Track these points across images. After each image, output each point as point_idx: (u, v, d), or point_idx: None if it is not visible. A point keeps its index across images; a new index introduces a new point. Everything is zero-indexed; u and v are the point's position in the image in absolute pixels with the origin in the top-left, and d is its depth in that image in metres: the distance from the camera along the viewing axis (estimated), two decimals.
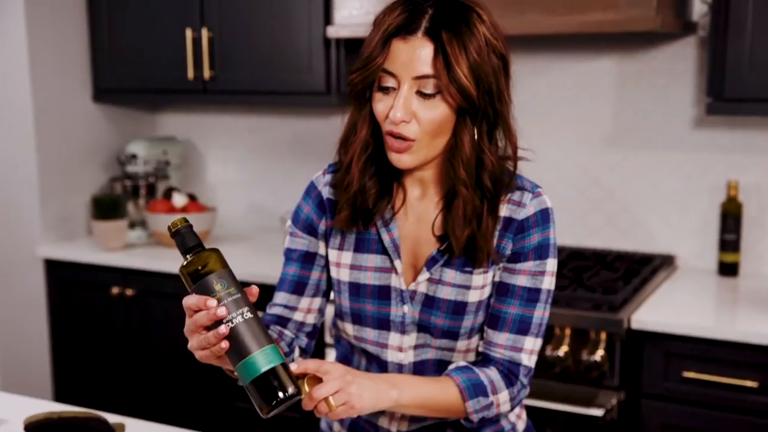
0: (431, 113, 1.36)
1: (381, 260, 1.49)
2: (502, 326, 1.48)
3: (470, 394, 1.43)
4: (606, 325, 2.36)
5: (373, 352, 1.53)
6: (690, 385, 2.32)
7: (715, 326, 2.30)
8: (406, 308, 1.49)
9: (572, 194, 2.97)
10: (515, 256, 1.46)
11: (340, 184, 1.48)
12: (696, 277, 2.77)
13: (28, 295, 3.41)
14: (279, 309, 1.55)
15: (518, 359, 1.48)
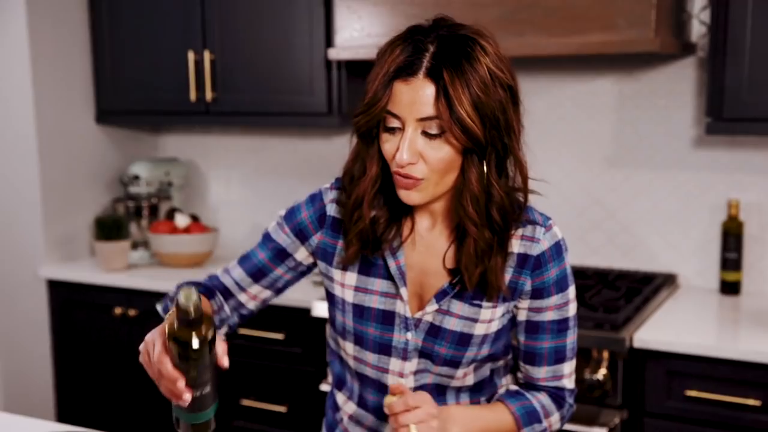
0: (438, 153, 1.34)
1: (387, 285, 1.48)
2: (539, 362, 1.51)
3: (525, 422, 1.50)
4: (608, 344, 2.36)
5: (373, 376, 1.53)
6: (692, 403, 2.32)
7: (717, 345, 2.30)
8: (410, 335, 1.48)
9: (573, 214, 2.98)
10: (537, 292, 1.46)
11: (347, 218, 1.46)
12: (698, 295, 2.77)
13: (31, 315, 3.41)
14: (230, 282, 1.58)
15: (561, 385, 1.54)
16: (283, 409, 2.94)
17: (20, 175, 3.33)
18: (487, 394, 1.56)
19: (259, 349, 2.96)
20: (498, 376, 1.57)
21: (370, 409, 1.56)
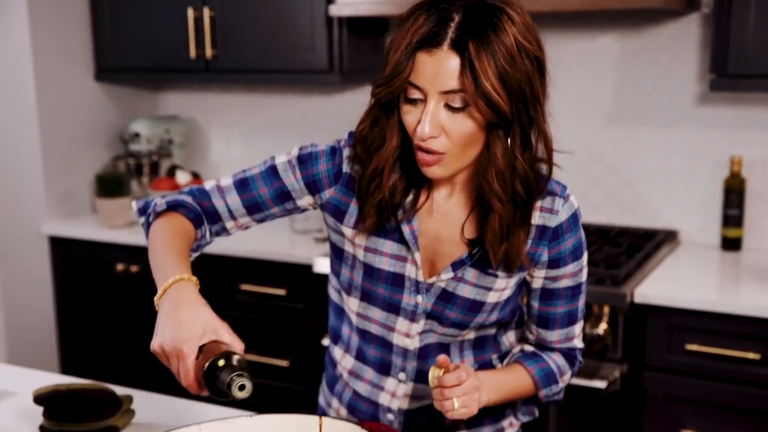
0: (460, 126, 1.30)
1: (398, 248, 1.46)
2: (552, 326, 1.52)
3: (543, 384, 1.53)
4: (609, 299, 2.37)
5: (377, 333, 1.53)
6: (692, 357, 2.34)
7: (717, 300, 2.31)
8: (420, 299, 1.48)
9: (574, 170, 2.97)
10: (553, 262, 1.46)
11: (364, 188, 1.43)
12: (699, 251, 2.78)
13: (34, 271, 3.43)
14: (223, 209, 1.50)
15: (573, 345, 1.56)
16: (285, 363, 2.96)
17: (20, 133, 3.32)
18: (491, 351, 1.57)
19: (261, 305, 2.98)
20: (501, 334, 1.58)
21: (370, 363, 1.57)
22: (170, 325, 1.23)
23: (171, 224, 1.44)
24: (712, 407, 2.34)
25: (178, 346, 1.21)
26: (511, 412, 1.62)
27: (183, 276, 1.29)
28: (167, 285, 1.29)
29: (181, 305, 1.25)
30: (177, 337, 1.21)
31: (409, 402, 1.55)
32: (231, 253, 2.96)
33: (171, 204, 1.47)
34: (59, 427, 1.49)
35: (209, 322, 1.24)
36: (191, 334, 1.21)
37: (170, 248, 1.37)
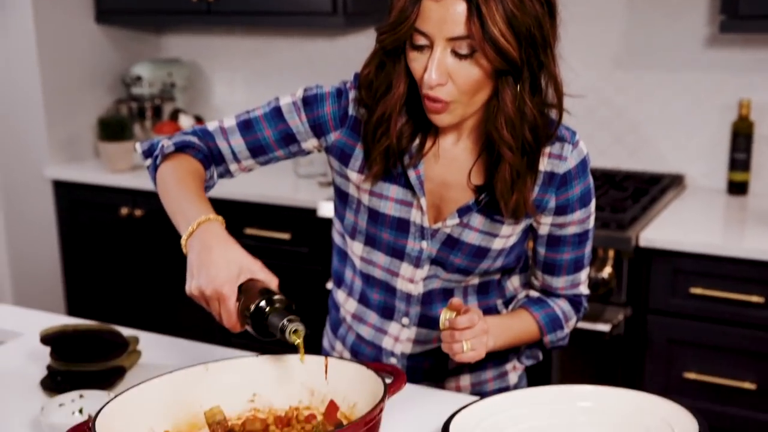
0: (468, 73, 1.27)
1: (403, 193, 1.45)
2: (558, 272, 1.51)
3: (549, 330, 1.52)
4: (614, 243, 2.37)
5: (381, 278, 1.52)
6: (696, 300, 2.34)
7: (722, 243, 2.30)
8: (425, 244, 1.47)
9: (580, 114, 2.93)
10: (561, 209, 1.44)
11: (370, 134, 1.40)
12: (705, 196, 2.77)
13: (39, 215, 3.44)
14: (227, 151, 1.47)
15: (579, 292, 1.55)
16: None
17: (21, 77, 3.30)
18: (496, 296, 1.57)
19: (265, 249, 2.98)
20: (505, 279, 1.58)
21: (373, 308, 1.57)
22: (205, 267, 1.20)
23: (182, 165, 1.41)
24: (714, 350, 2.35)
25: (218, 289, 1.19)
26: (515, 356, 1.62)
27: (209, 216, 1.27)
28: (194, 227, 1.26)
29: (212, 246, 1.23)
30: (215, 280, 1.19)
31: (412, 346, 1.56)
32: (235, 197, 2.96)
33: (179, 145, 1.44)
34: (66, 367, 1.49)
35: (244, 261, 1.22)
36: (228, 275, 1.20)
37: (187, 189, 1.35)
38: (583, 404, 1.33)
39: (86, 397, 1.39)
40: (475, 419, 1.29)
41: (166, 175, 1.39)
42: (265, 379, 1.27)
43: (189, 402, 1.23)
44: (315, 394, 1.26)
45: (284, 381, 1.27)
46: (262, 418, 1.26)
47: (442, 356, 1.55)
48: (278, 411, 1.27)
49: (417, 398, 1.45)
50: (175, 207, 1.34)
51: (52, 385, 1.48)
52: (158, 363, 1.60)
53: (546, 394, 1.36)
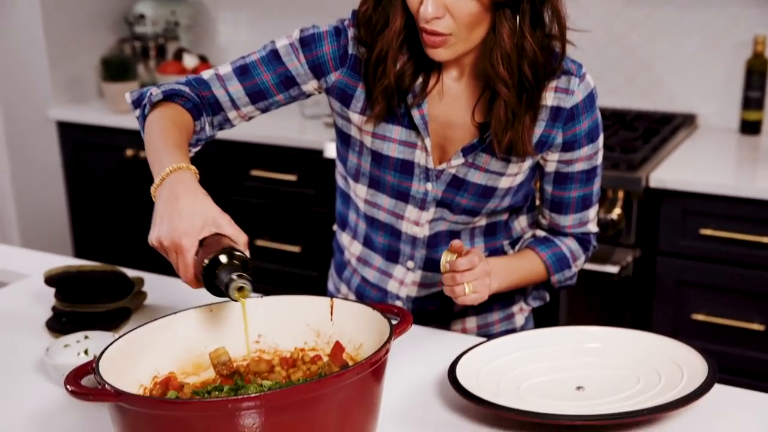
0: (465, 6, 1.24)
1: (407, 134, 1.42)
2: (566, 210, 1.49)
3: (556, 269, 1.50)
4: (624, 184, 2.34)
5: (386, 221, 1.50)
6: (706, 242, 2.32)
7: (734, 183, 2.27)
8: (430, 186, 1.44)
9: (591, 52, 2.89)
10: (568, 145, 1.41)
11: (370, 72, 1.37)
12: (717, 135, 2.73)
13: (44, 157, 3.42)
14: (225, 98, 1.42)
15: (587, 230, 1.53)
16: (296, 249, 2.97)
17: (23, 17, 3.24)
18: (503, 237, 1.55)
19: (272, 191, 2.96)
20: (512, 220, 1.55)
21: (377, 251, 1.55)
22: (168, 216, 1.14)
23: (168, 114, 1.35)
24: (723, 292, 2.34)
25: (176, 240, 1.12)
26: (521, 297, 1.61)
27: (181, 165, 1.20)
28: (164, 174, 1.20)
29: (179, 195, 1.16)
30: (176, 230, 1.13)
31: (418, 290, 1.54)
32: (241, 139, 2.93)
33: (167, 93, 1.38)
34: (71, 308, 1.49)
35: (210, 213, 1.15)
36: (190, 226, 1.13)
37: (167, 138, 1.29)
38: (591, 345, 1.33)
39: (91, 338, 1.38)
40: (482, 360, 1.29)
41: (151, 125, 1.33)
42: (270, 320, 1.26)
43: (194, 343, 1.23)
44: (320, 335, 1.25)
45: (289, 322, 1.26)
46: (268, 360, 1.25)
47: (447, 299, 1.54)
48: (283, 352, 1.26)
49: (423, 340, 1.44)
50: (152, 156, 1.27)
51: (57, 327, 1.48)
52: (163, 304, 1.59)
53: (554, 336, 1.35)
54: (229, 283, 1.09)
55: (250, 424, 0.98)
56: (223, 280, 1.10)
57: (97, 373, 1.04)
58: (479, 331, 1.59)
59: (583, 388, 1.24)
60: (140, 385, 1.15)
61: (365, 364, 1.05)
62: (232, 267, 1.10)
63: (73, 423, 1.21)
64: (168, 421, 0.99)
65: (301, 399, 1.01)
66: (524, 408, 1.13)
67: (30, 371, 1.36)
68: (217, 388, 1.19)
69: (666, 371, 1.23)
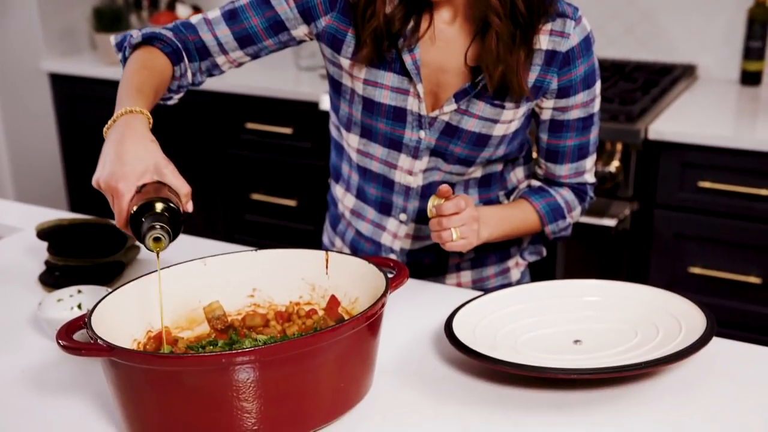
0: None
1: (399, 80, 1.39)
2: (562, 159, 1.47)
3: (550, 219, 1.48)
4: (622, 136, 2.32)
5: (378, 171, 1.48)
6: (705, 194, 2.31)
7: (733, 135, 2.25)
8: (423, 134, 1.42)
9: (590, 2, 2.84)
10: (563, 91, 1.38)
11: (359, 15, 1.34)
12: (717, 86, 2.70)
13: (37, 110, 3.38)
14: (212, 42, 1.40)
15: (584, 180, 1.51)
16: (292, 203, 2.95)
17: None
18: (498, 189, 1.53)
19: (267, 144, 2.93)
20: (508, 171, 1.53)
21: (370, 203, 1.53)
22: (111, 159, 1.13)
23: (142, 58, 1.33)
24: (721, 245, 2.33)
25: (113, 183, 1.10)
26: (518, 251, 1.59)
27: (134, 108, 1.19)
28: (116, 116, 1.18)
29: (125, 139, 1.14)
30: (114, 174, 1.11)
31: (411, 242, 1.53)
32: (235, 91, 2.89)
33: (147, 36, 1.36)
34: (64, 262, 1.47)
35: (153, 159, 1.13)
36: (131, 171, 1.11)
37: (132, 81, 1.27)
38: (589, 299, 1.32)
39: (84, 292, 1.37)
40: (479, 314, 1.28)
41: (126, 67, 1.32)
42: (264, 274, 1.25)
43: (188, 297, 1.22)
44: (316, 289, 1.24)
45: (284, 276, 1.25)
46: (263, 314, 1.24)
47: (442, 252, 1.53)
48: (278, 306, 1.25)
49: (419, 294, 1.43)
50: (117, 98, 1.26)
51: (50, 281, 1.46)
52: None
53: (552, 289, 1.34)
54: (147, 232, 1.06)
55: (244, 379, 0.97)
56: (143, 228, 1.07)
57: (89, 328, 1.03)
58: (474, 285, 1.58)
59: (580, 341, 1.23)
60: (134, 340, 1.14)
61: (361, 318, 1.04)
62: (157, 216, 1.07)
63: (67, 377, 1.20)
64: (162, 375, 0.98)
65: (297, 353, 1.00)
66: (521, 362, 1.12)
67: (23, 325, 1.35)
68: (212, 343, 1.18)
69: (664, 325, 1.22)
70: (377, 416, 1.10)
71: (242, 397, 0.98)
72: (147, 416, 1.02)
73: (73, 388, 1.17)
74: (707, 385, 1.15)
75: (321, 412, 1.06)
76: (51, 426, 1.10)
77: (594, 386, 1.14)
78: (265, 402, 0.99)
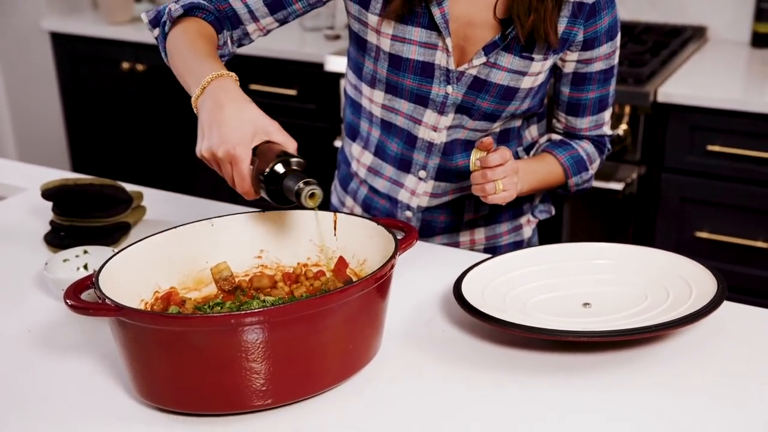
0: None
1: (426, 35, 1.37)
2: (583, 112, 1.47)
3: (574, 172, 1.49)
4: (631, 99, 2.29)
5: (403, 126, 1.47)
6: (713, 158, 2.29)
7: (743, 98, 2.23)
8: (450, 89, 1.40)
9: None
10: (588, 43, 1.38)
11: None
12: (727, 49, 2.66)
13: (38, 70, 3.36)
14: (243, 10, 1.38)
15: (603, 132, 1.52)
16: None
17: None
18: (515, 145, 1.52)
19: (271, 105, 2.91)
20: (524, 127, 1.53)
21: (389, 160, 1.52)
22: (217, 126, 1.12)
23: (192, 28, 1.31)
24: (728, 209, 2.32)
25: (230, 150, 1.10)
26: (530, 208, 1.60)
27: (221, 72, 1.18)
28: (205, 83, 1.17)
29: (225, 104, 1.13)
30: (227, 140, 1.10)
31: (429, 200, 1.52)
32: (239, 51, 2.85)
33: (187, 8, 1.33)
34: (69, 222, 1.46)
35: (259, 120, 1.13)
36: (242, 135, 1.10)
37: (197, 49, 1.26)
38: (598, 262, 1.31)
39: (90, 252, 1.36)
40: (488, 277, 1.27)
41: (176, 39, 1.30)
42: (272, 235, 1.24)
43: (195, 258, 1.21)
44: (324, 250, 1.23)
45: (292, 237, 1.24)
46: (270, 275, 1.23)
47: (457, 209, 1.53)
48: (286, 268, 1.24)
49: (427, 256, 1.42)
50: (184, 68, 1.24)
51: (56, 241, 1.45)
52: (162, 219, 1.57)
53: (561, 252, 1.33)
54: (299, 191, 1.09)
55: (253, 340, 0.97)
56: (291, 188, 1.09)
57: (97, 288, 1.02)
58: (487, 242, 1.58)
59: (590, 304, 1.22)
60: (141, 300, 1.13)
61: (370, 279, 1.03)
62: (295, 174, 1.10)
63: (74, 337, 1.20)
64: (170, 336, 0.97)
65: (305, 315, 0.99)
66: (530, 324, 1.12)
67: (29, 285, 1.35)
68: (219, 304, 1.18)
69: (674, 288, 1.22)
70: (385, 378, 1.10)
71: (251, 358, 0.98)
72: (155, 377, 1.01)
73: (80, 348, 1.17)
74: (717, 348, 1.15)
75: (329, 374, 1.05)
76: (59, 385, 1.09)
77: (603, 349, 1.13)
78: (273, 363, 0.99)
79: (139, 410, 1.04)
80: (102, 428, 1.01)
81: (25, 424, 1.02)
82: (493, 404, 1.04)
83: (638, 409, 1.03)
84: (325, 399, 1.05)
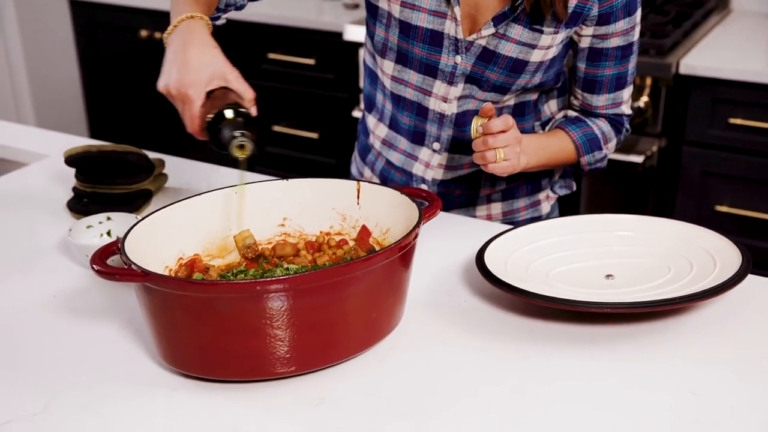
0: None
1: (436, 3, 1.36)
2: (599, 89, 1.44)
3: (586, 150, 1.46)
4: (653, 70, 2.27)
5: (413, 98, 1.46)
6: (735, 131, 2.27)
7: (766, 71, 2.20)
8: (459, 59, 1.39)
9: None
10: (604, 18, 1.35)
11: None
12: (751, 20, 2.63)
13: (57, 37, 3.36)
14: None
15: (620, 111, 1.48)
16: (314, 135, 2.93)
17: None
18: (532, 119, 1.50)
19: (290, 75, 2.90)
20: (542, 102, 1.51)
21: (403, 132, 1.51)
22: (177, 65, 1.16)
23: None
24: (749, 182, 2.30)
25: (183, 90, 1.15)
26: (549, 184, 1.58)
27: (194, 14, 1.21)
28: (177, 21, 1.21)
29: (189, 45, 1.17)
30: (183, 80, 1.15)
31: (444, 172, 1.51)
32: (257, 20, 2.85)
33: None
34: (92, 188, 1.47)
35: (218, 65, 1.17)
36: (198, 77, 1.15)
37: None
38: (622, 233, 1.30)
39: (113, 219, 1.37)
40: (510, 247, 1.27)
41: None
42: (295, 203, 1.24)
43: (218, 225, 1.21)
44: (347, 219, 1.23)
45: (315, 205, 1.24)
46: (293, 243, 1.23)
47: (473, 183, 1.52)
48: (309, 236, 1.24)
49: (449, 226, 1.42)
50: (172, 5, 1.27)
51: (79, 207, 1.46)
52: (184, 187, 1.57)
53: (584, 224, 1.33)
54: (230, 140, 1.12)
55: (278, 307, 0.97)
56: (225, 136, 1.12)
57: (123, 254, 1.02)
58: (504, 217, 1.56)
59: (612, 276, 1.22)
60: (165, 267, 1.14)
61: (394, 248, 1.04)
62: (235, 124, 1.13)
63: (99, 302, 1.21)
64: (195, 302, 0.98)
65: (330, 283, 1.00)
66: (552, 294, 1.12)
67: (53, 251, 1.36)
68: (242, 272, 1.18)
69: (698, 260, 1.21)
70: (408, 347, 1.10)
71: (275, 325, 0.98)
72: (180, 342, 1.02)
73: (105, 314, 1.18)
74: (741, 321, 1.14)
75: (352, 342, 1.06)
76: (84, 350, 1.10)
77: (626, 321, 1.13)
78: (297, 330, 1.00)
79: (163, 375, 1.05)
80: (126, 393, 1.02)
81: (51, 389, 1.03)
82: (516, 373, 1.05)
83: (661, 380, 1.03)
84: (348, 367, 1.06)
